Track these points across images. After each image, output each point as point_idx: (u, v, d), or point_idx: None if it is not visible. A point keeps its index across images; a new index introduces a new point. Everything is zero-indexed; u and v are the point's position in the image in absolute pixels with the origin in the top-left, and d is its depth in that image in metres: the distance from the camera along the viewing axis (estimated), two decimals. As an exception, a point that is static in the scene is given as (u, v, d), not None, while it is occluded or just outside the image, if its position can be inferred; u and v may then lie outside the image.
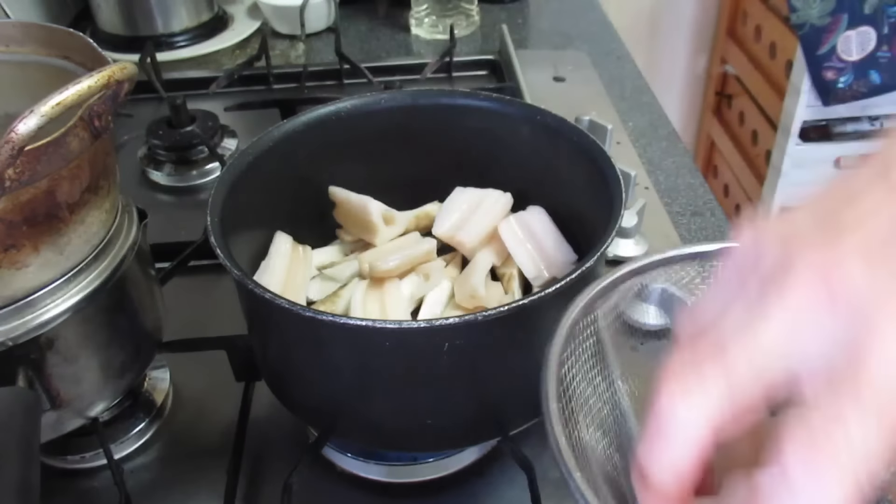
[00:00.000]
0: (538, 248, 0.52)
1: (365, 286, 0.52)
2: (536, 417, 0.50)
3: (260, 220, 0.53)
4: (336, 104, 0.55)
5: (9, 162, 0.35)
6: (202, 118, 0.83)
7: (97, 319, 0.46)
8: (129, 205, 0.50)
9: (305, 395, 0.48)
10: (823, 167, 1.49)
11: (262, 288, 0.40)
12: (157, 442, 0.55)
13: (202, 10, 1.10)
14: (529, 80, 0.88)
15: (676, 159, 0.82)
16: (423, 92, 0.56)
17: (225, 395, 0.56)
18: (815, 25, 1.31)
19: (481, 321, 0.38)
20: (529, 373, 0.45)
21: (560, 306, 0.43)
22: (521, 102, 0.55)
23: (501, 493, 0.51)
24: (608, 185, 0.46)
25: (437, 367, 0.41)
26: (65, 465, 0.53)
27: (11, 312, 0.41)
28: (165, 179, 0.81)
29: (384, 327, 0.38)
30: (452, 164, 0.58)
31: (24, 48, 0.48)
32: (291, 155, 0.53)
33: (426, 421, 0.45)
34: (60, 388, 0.45)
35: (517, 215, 0.53)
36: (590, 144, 0.49)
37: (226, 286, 0.66)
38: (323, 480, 0.52)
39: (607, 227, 0.43)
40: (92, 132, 0.40)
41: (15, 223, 0.38)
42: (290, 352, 0.46)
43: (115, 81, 0.38)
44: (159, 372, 0.59)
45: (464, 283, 0.51)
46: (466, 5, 1.10)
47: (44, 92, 0.35)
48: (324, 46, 1.08)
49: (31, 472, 0.37)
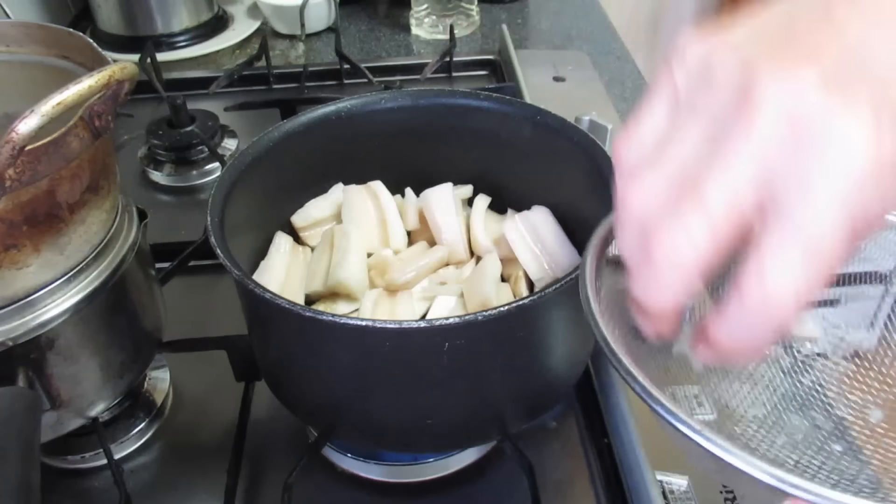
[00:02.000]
0: (543, 249, 0.52)
1: (377, 294, 0.52)
2: (536, 417, 0.50)
3: (260, 220, 0.53)
4: (336, 104, 0.55)
5: (9, 162, 0.35)
6: (202, 118, 0.83)
7: (97, 319, 0.46)
8: (129, 205, 0.50)
9: (305, 395, 0.48)
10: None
11: (262, 288, 0.40)
12: (157, 442, 0.55)
13: (202, 10, 1.10)
14: (529, 80, 0.88)
15: (676, 159, 0.82)
16: (423, 92, 0.56)
17: (225, 395, 0.56)
18: (815, 25, 1.31)
19: (481, 321, 0.38)
20: (529, 373, 0.46)
21: (560, 306, 0.43)
22: (521, 102, 0.55)
23: (501, 493, 0.51)
24: (608, 185, 0.46)
25: (437, 367, 0.41)
26: (65, 465, 0.53)
27: (11, 312, 0.41)
28: (165, 179, 0.81)
29: (384, 327, 0.38)
30: (452, 165, 0.58)
31: (24, 48, 0.48)
32: (291, 155, 0.53)
33: (426, 421, 0.45)
34: (60, 388, 0.45)
35: (522, 215, 0.53)
36: (590, 144, 0.49)
37: (226, 286, 0.66)
38: (323, 480, 0.52)
39: (607, 227, 0.43)
40: (92, 132, 0.40)
41: (15, 223, 0.38)
42: (291, 352, 0.46)
43: (115, 81, 0.38)
44: (159, 372, 0.59)
45: (475, 291, 0.51)
46: (466, 5, 1.10)
47: (44, 92, 0.35)
48: (324, 46, 1.08)
49: (31, 471, 0.37)
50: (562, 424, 0.55)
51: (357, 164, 0.57)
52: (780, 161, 0.24)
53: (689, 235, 0.25)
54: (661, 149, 0.27)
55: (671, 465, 0.50)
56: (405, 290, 0.52)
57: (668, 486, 0.49)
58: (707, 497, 0.48)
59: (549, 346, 0.45)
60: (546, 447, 0.53)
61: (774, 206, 0.24)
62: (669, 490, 0.49)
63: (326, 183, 0.58)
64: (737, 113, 0.25)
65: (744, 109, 0.24)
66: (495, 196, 0.58)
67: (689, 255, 0.25)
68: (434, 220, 0.55)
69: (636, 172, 0.27)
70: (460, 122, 0.56)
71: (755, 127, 0.24)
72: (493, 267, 0.51)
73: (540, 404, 0.48)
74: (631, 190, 0.27)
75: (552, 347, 0.45)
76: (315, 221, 0.56)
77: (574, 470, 0.52)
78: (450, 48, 0.98)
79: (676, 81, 0.27)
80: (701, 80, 0.26)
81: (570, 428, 0.55)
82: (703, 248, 0.25)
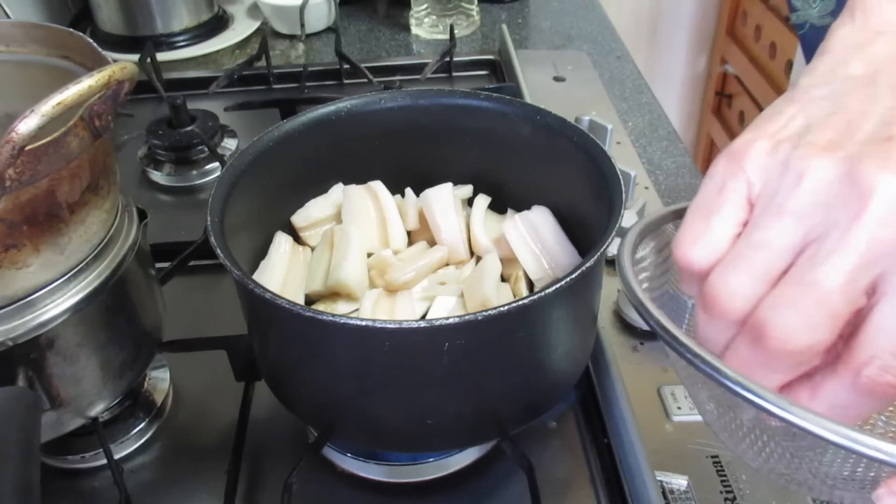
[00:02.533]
0: (543, 249, 0.52)
1: (377, 294, 0.52)
2: (536, 417, 0.50)
3: (260, 220, 0.53)
4: (336, 104, 0.55)
5: (9, 162, 0.35)
6: (202, 118, 0.83)
7: (97, 319, 0.46)
8: (129, 205, 0.50)
9: (305, 395, 0.48)
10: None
11: (262, 288, 0.40)
12: (157, 442, 0.55)
13: (202, 10, 1.10)
14: (529, 80, 0.88)
15: (676, 159, 0.82)
16: (423, 92, 0.56)
17: (225, 395, 0.56)
18: (815, 25, 1.31)
19: (481, 321, 0.38)
20: (529, 373, 0.46)
21: (560, 305, 0.43)
22: (521, 102, 0.55)
23: (501, 493, 0.51)
24: (608, 185, 0.46)
25: (437, 367, 0.41)
26: (65, 465, 0.53)
27: (11, 312, 0.41)
28: (165, 179, 0.81)
29: (384, 327, 0.38)
30: (452, 165, 0.58)
31: (24, 48, 0.48)
32: (291, 155, 0.53)
33: (426, 421, 0.45)
34: (60, 387, 0.45)
35: (522, 215, 0.53)
36: (590, 144, 0.49)
37: (226, 286, 0.66)
38: (323, 480, 0.52)
39: (607, 227, 0.43)
40: (92, 132, 0.40)
41: (15, 223, 0.38)
42: (291, 352, 0.46)
43: (115, 81, 0.38)
44: (159, 372, 0.59)
45: (475, 292, 0.51)
46: (466, 5, 1.10)
47: (44, 92, 0.35)
48: (324, 46, 1.08)
49: (31, 471, 0.37)
50: (562, 424, 0.55)
51: (357, 164, 0.57)
52: (892, 241, 0.26)
53: (807, 320, 0.26)
54: (744, 246, 0.28)
55: (671, 465, 0.50)
56: (405, 290, 0.52)
57: (668, 486, 0.49)
58: (707, 497, 0.48)
59: (549, 346, 0.45)
60: (546, 447, 0.53)
61: (885, 283, 0.26)
62: (669, 490, 0.49)
63: (326, 183, 0.58)
64: (844, 203, 0.26)
65: (852, 199, 0.26)
66: (495, 196, 0.58)
67: (809, 337, 0.27)
68: (434, 220, 0.55)
69: (721, 272, 0.29)
70: (460, 122, 0.56)
71: (868, 213, 0.26)
72: (493, 267, 0.51)
73: (540, 404, 0.48)
74: (719, 288, 0.28)
75: (552, 347, 0.45)
76: (315, 221, 0.56)
77: (574, 470, 0.52)
78: (450, 48, 0.97)
79: (751, 181, 0.29)
80: (783, 178, 0.28)
81: (570, 428, 0.55)
82: (822, 329, 0.26)
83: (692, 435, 0.52)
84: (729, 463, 0.50)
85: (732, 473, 0.50)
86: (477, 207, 0.57)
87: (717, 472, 0.50)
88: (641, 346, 0.60)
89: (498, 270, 0.51)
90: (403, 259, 0.54)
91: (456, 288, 0.52)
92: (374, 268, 0.53)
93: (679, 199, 0.76)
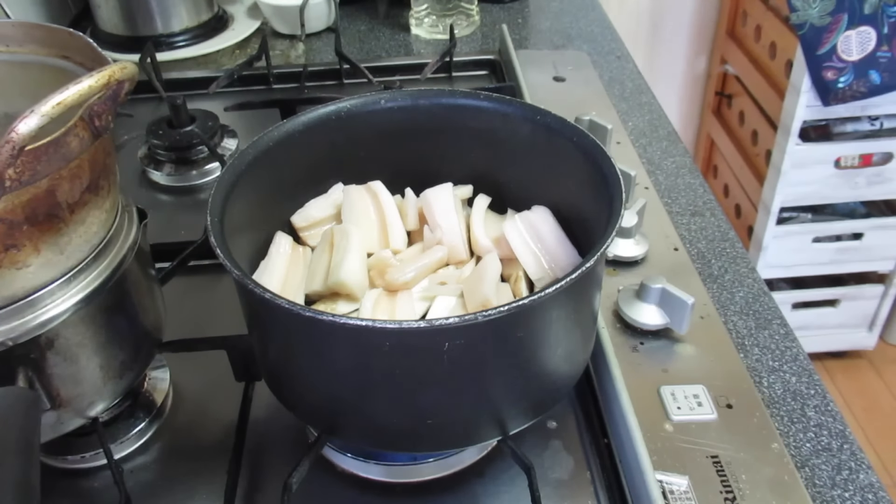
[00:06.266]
0: (543, 249, 0.52)
1: (377, 294, 0.52)
2: (536, 417, 0.50)
3: (260, 220, 0.53)
4: (336, 104, 0.55)
5: (9, 162, 0.35)
6: (202, 118, 0.83)
7: (97, 319, 0.46)
8: (129, 205, 0.50)
9: (305, 395, 0.48)
10: (823, 167, 1.49)
11: (262, 288, 0.40)
12: (157, 442, 0.55)
13: (202, 10, 1.10)
14: (529, 80, 0.88)
15: (676, 159, 0.82)
16: (423, 92, 0.56)
17: (225, 395, 0.56)
18: (815, 25, 1.31)
19: (481, 321, 0.38)
20: (529, 373, 0.46)
21: (560, 306, 0.43)
22: (521, 102, 0.55)
23: (501, 493, 0.51)
24: (608, 185, 0.46)
25: (438, 367, 0.41)
26: (65, 465, 0.53)
27: (11, 312, 0.41)
28: (165, 179, 0.81)
29: (384, 327, 0.38)
30: (452, 165, 0.58)
31: (24, 48, 0.48)
32: (291, 155, 0.53)
33: (426, 421, 0.45)
34: (60, 387, 0.45)
35: (522, 215, 0.53)
36: (590, 144, 0.49)
37: (226, 286, 0.67)
38: (323, 480, 0.52)
39: (607, 227, 0.43)
40: (92, 132, 0.40)
41: (15, 223, 0.38)
42: (290, 352, 0.46)
43: (115, 81, 0.38)
44: (159, 372, 0.59)
45: (475, 292, 0.51)
46: (466, 5, 1.10)
47: (44, 92, 0.35)
48: (324, 46, 1.08)
49: (31, 471, 0.37)
50: (562, 424, 0.55)
51: (357, 164, 0.57)
52: None
53: None
54: None
55: (671, 465, 0.50)
56: (405, 290, 0.52)
57: (668, 486, 0.49)
58: (707, 497, 0.48)
59: (549, 347, 0.45)
60: (546, 447, 0.53)
61: None
62: (669, 490, 0.49)
63: (326, 183, 0.58)
64: None
65: None
66: (495, 196, 0.58)
67: None
68: (434, 220, 0.55)
69: None
70: (460, 122, 0.56)
71: None
72: (493, 267, 0.51)
73: (540, 404, 0.48)
74: None
75: (552, 347, 0.45)
76: (315, 221, 0.56)
77: (574, 470, 0.52)
78: (450, 48, 0.97)
79: None
80: None
81: (570, 428, 0.55)
82: None
83: (692, 435, 0.52)
84: (729, 463, 0.50)
85: (732, 473, 0.50)
86: (477, 207, 0.57)
87: (717, 472, 0.50)
88: (641, 346, 0.60)
89: (498, 270, 0.51)
90: (403, 259, 0.54)
91: (456, 288, 0.52)
92: (373, 268, 0.53)
93: (679, 198, 0.76)
